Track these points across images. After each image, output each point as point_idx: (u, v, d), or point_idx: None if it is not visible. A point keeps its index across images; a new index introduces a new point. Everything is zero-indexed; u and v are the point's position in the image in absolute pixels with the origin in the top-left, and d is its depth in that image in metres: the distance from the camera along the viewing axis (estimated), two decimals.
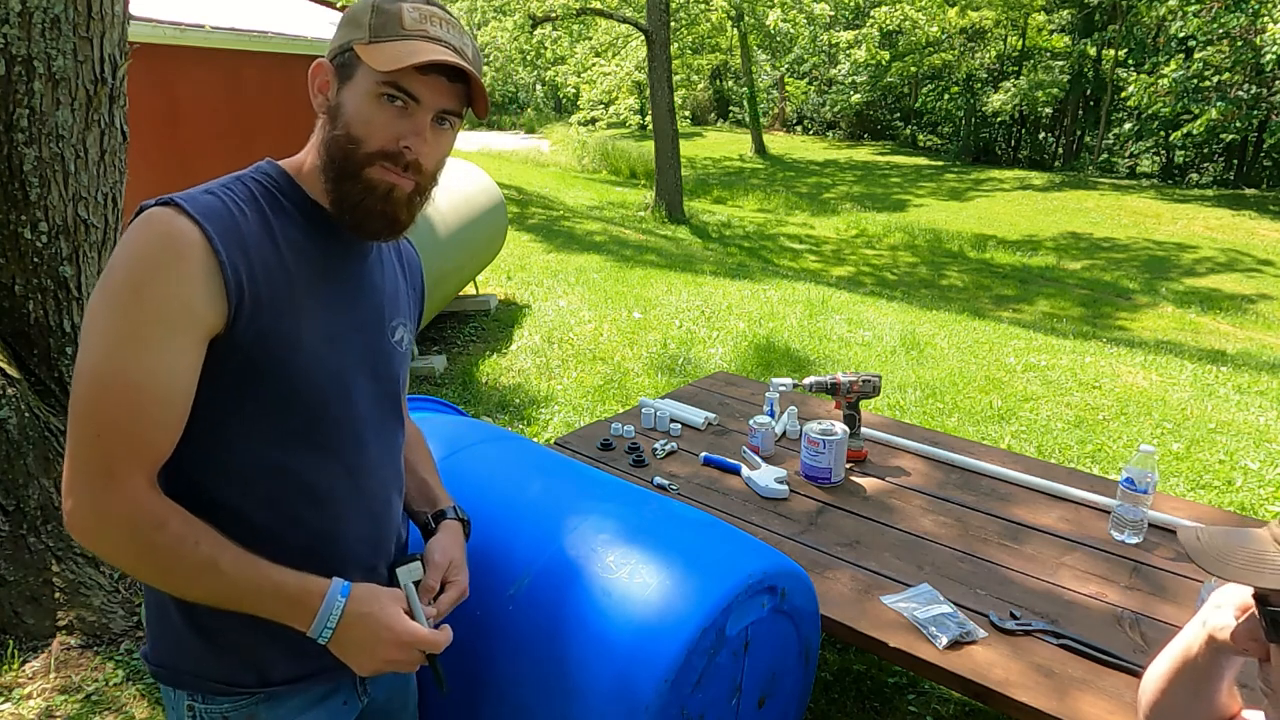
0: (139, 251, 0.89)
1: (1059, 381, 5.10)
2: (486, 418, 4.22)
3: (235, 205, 0.94)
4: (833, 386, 2.31)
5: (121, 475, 0.88)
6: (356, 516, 1.06)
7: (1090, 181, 20.89)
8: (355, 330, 1.03)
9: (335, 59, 0.98)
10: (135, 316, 0.87)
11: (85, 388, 0.88)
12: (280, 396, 0.95)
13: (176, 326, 0.88)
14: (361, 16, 0.97)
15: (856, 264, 11.85)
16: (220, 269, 0.90)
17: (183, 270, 0.88)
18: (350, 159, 0.96)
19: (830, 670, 2.41)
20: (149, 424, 0.89)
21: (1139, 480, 1.89)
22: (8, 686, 2.24)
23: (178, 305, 0.88)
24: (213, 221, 0.91)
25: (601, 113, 20.68)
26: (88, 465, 0.88)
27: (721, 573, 1.29)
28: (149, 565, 0.91)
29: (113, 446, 0.88)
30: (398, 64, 0.92)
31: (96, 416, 0.88)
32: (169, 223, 0.89)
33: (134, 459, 0.89)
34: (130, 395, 0.87)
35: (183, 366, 0.89)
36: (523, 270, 7.55)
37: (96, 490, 0.88)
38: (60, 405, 2.69)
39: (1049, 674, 1.47)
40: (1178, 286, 11.14)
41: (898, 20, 17.58)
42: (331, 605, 0.95)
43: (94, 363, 0.88)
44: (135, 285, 0.87)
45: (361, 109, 0.95)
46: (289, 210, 0.99)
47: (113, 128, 2.69)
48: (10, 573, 2.38)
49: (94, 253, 2.73)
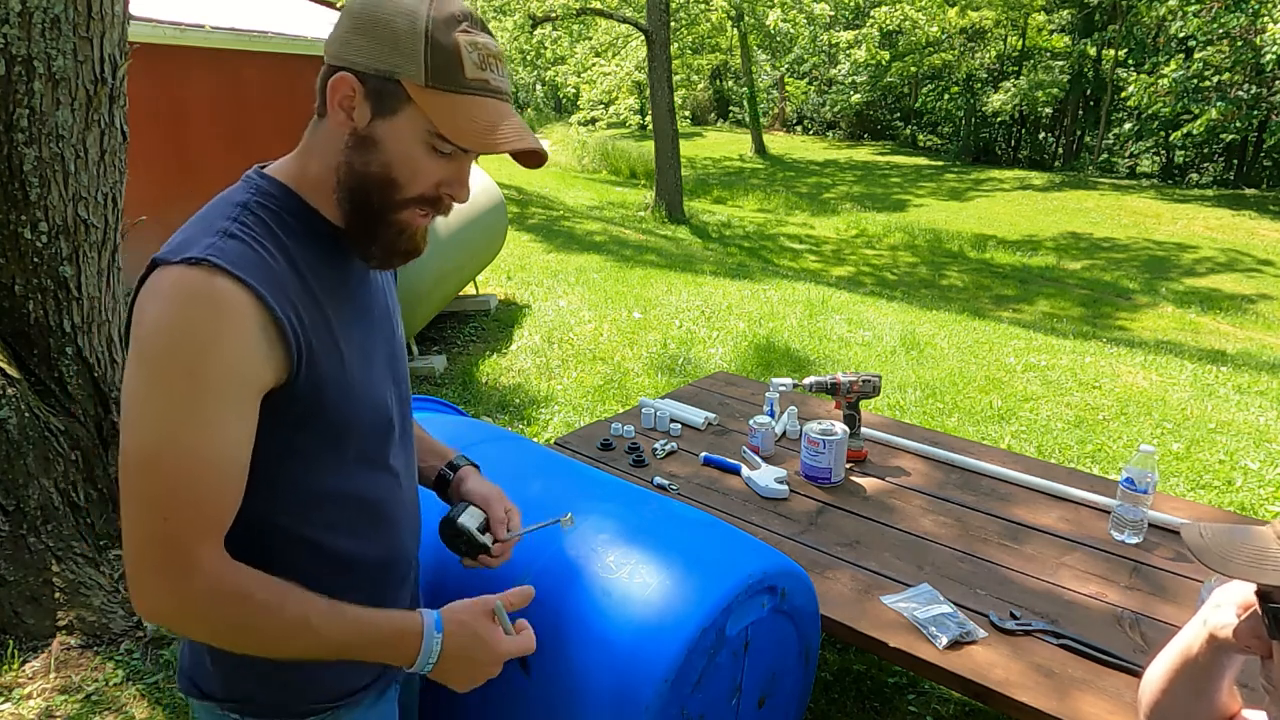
0: (186, 323, 0.81)
1: (1059, 381, 5.10)
2: (486, 418, 4.22)
3: (262, 247, 0.87)
4: (833, 386, 2.31)
5: (197, 555, 0.84)
6: (407, 517, 1.09)
7: (1090, 181, 20.89)
8: (378, 341, 1.02)
9: (368, 80, 0.86)
10: (193, 394, 0.81)
11: (145, 471, 0.82)
12: (336, 428, 0.93)
13: (236, 396, 0.83)
14: (411, 44, 0.84)
15: (856, 264, 11.85)
16: (277, 325, 0.84)
17: (239, 338, 0.82)
18: (386, 202, 0.90)
19: (830, 670, 2.40)
20: (217, 499, 0.85)
21: (1139, 480, 1.89)
22: (8, 686, 2.24)
23: (236, 375, 0.83)
24: (256, 275, 0.84)
25: (601, 113, 20.68)
26: (159, 552, 0.83)
27: (721, 573, 1.29)
28: (242, 639, 0.88)
29: (183, 528, 0.83)
30: (477, 144, 0.86)
31: (162, 501, 0.82)
32: (211, 286, 0.82)
33: (206, 536, 0.85)
34: (197, 474, 0.82)
35: (245, 434, 0.85)
36: (523, 270, 7.55)
37: (175, 577, 0.83)
38: (60, 405, 2.69)
39: (1049, 674, 1.47)
40: (1178, 286, 11.14)
41: (898, 20, 17.58)
42: (430, 643, 0.94)
43: (152, 444, 0.82)
44: (189, 361, 0.81)
45: (407, 154, 0.88)
46: (300, 232, 0.92)
47: (113, 128, 2.69)
48: (10, 573, 2.38)
49: (94, 253, 2.73)
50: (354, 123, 0.87)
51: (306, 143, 0.93)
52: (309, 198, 0.92)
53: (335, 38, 0.88)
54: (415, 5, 0.85)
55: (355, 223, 0.92)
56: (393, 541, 1.06)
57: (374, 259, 0.95)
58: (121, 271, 2.92)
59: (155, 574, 0.84)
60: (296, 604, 0.88)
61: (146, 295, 0.84)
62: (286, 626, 0.88)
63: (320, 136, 0.91)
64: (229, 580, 0.86)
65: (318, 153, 0.92)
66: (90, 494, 2.68)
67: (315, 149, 0.92)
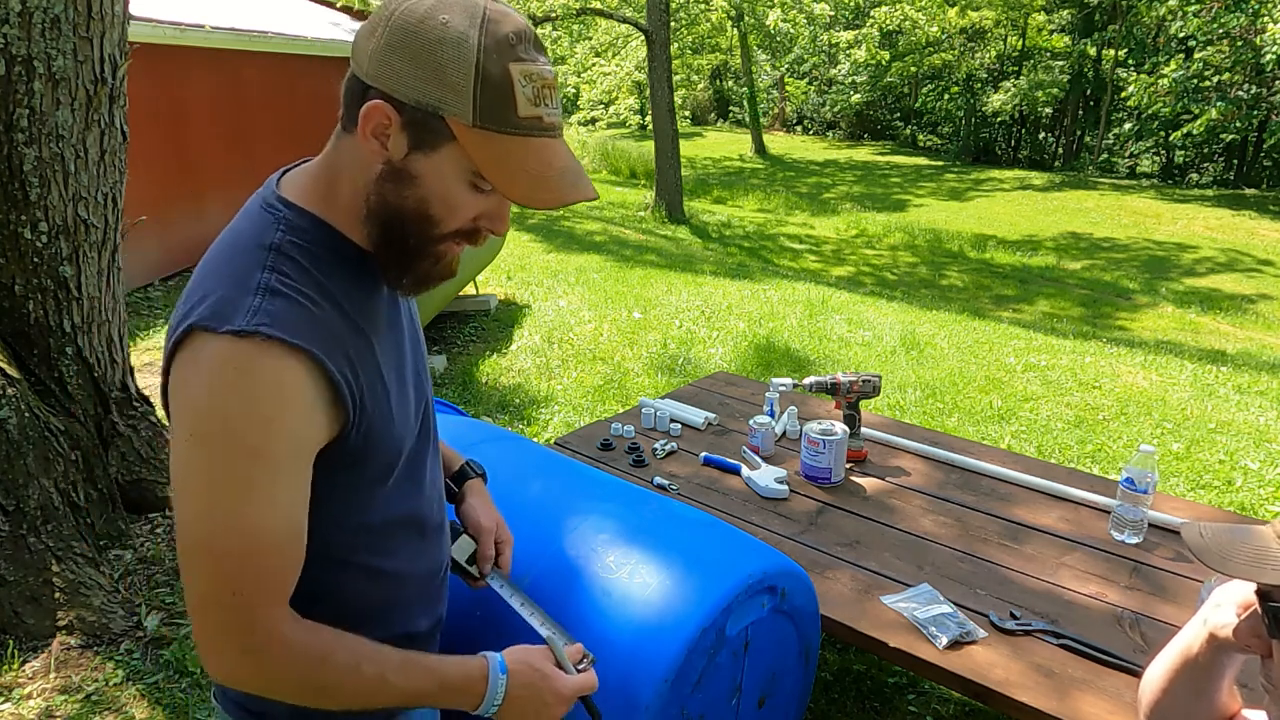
0: (245, 402, 0.77)
1: (1059, 381, 5.10)
2: (486, 418, 4.22)
3: (307, 299, 0.81)
4: (833, 386, 2.31)
5: (271, 624, 0.83)
6: (442, 521, 1.09)
7: (1090, 181, 20.89)
8: (409, 355, 0.99)
9: (407, 111, 0.78)
10: (256, 472, 0.79)
11: (211, 551, 0.80)
12: (383, 459, 0.92)
13: (296, 465, 0.82)
14: (459, 78, 0.76)
15: (856, 264, 11.85)
16: (334, 386, 0.81)
17: (299, 408, 0.80)
18: (422, 237, 0.85)
19: (830, 670, 2.40)
20: (285, 566, 0.84)
21: (1139, 480, 1.89)
22: (8, 686, 2.24)
23: (296, 445, 0.81)
24: (310, 337, 0.79)
25: (601, 113, 20.68)
26: (234, 626, 0.82)
27: (721, 573, 1.29)
28: (323, 698, 0.88)
29: (255, 600, 0.82)
30: (524, 198, 0.81)
31: (232, 577, 0.80)
32: (267, 360, 0.77)
33: (277, 602, 0.83)
34: (264, 548, 0.81)
35: (304, 496, 0.84)
36: (523, 270, 7.55)
37: (253, 648, 0.83)
38: (60, 405, 2.69)
39: (1049, 674, 1.47)
40: (1178, 286, 11.14)
41: (898, 20, 17.58)
42: (495, 684, 0.95)
43: (218, 525, 0.79)
44: (250, 440, 0.78)
45: (445, 192, 0.82)
46: (335, 265, 0.85)
47: (113, 128, 2.69)
48: (10, 573, 2.38)
49: (94, 253, 2.73)
50: (388, 153, 0.80)
51: (331, 159, 0.86)
52: (338, 224, 0.86)
53: (371, 53, 0.79)
54: (465, 29, 0.76)
55: (388, 254, 0.87)
56: (435, 549, 1.06)
57: (406, 288, 0.91)
58: (121, 271, 2.92)
59: (232, 648, 0.83)
60: (371, 661, 0.88)
61: (193, 369, 0.78)
62: (365, 684, 0.88)
63: (348, 156, 0.84)
64: (306, 644, 0.86)
65: (346, 175, 0.85)
66: (90, 494, 2.68)
67: (343, 170, 0.85)
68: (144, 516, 2.98)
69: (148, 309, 5.81)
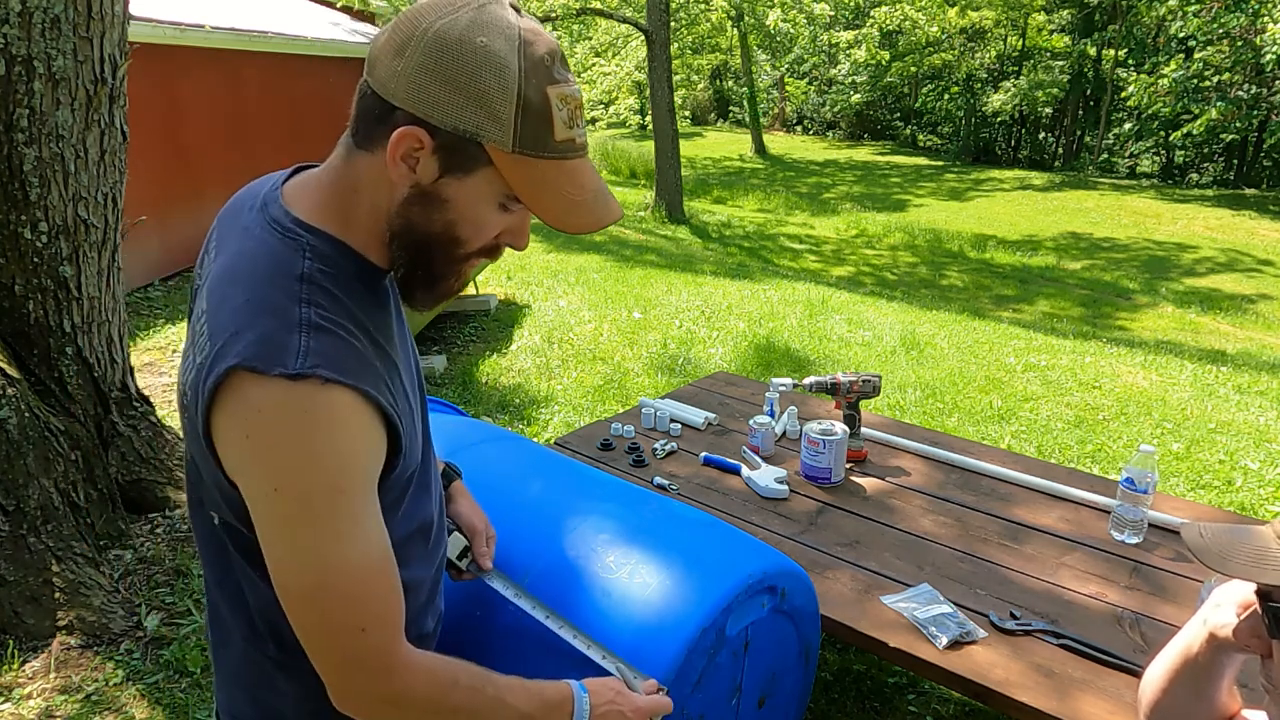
0: (317, 446, 0.77)
1: (1059, 381, 5.10)
2: (486, 418, 4.22)
3: (348, 332, 0.80)
4: (833, 386, 2.31)
5: (400, 655, 0.85)
6: (443, 526, 1.10)
7: (1090, 181, 20.89)
8: (412, 362, 0.99)
9: (442, 137, 0.76)
10: (342, 513, 0.79)
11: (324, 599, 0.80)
12: (406, 479, 0.93)
13: (371, 495, 0.82)
14: (501, 106, 0.75)
15: (856, 264, 11.85)
16: (385, 419, 0.82)
17: (366, 444, 0.80)
18: (449, 259, 0.85)
19: (830, 670, 2.41)
20: (394, 594, 0.85)
21: (1139, 480, 1.89)
22: (8, 686, 2.24)
23: (369, 477, 0.82)
24: (363, 377, 0.79)
25: (601, 113, 20.67)
26: (367, 664, 0.83)
27: (721, 573, 1.29)
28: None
29: (381, 635, 0.83)
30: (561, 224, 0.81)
31: (353, 619, 0.81)
32: (328, 401, 0.76)
33: (398, 634, 0.85)
34: (372, 582, 0.82)
35: (383, 524, 0.84)
36: (523, 270, 7.55)
37: (388, 682, 0.85)
38: (60, 405, 2.69)
39: (1049, 674, 1.47)
40: (1178, 286, 11.14)
41: (898, 20, 17.59)
42: (581, 703, 0.98)
43: (322, 571, 0.79)
44: (331, 482, 0.78)
45: (475, 214, 0.81)
46: (357, 289, 0.84)
47: (113, 128, 2.69)
48: (10, 573, 2.38)
49: (94, 253, 2.73)
50: (417, 176, 0.78)
51: (345, 176, 0.83)
52: (356, 244, 0.84)
53: (397, 71, 0.76)
54: (506, 55, 0.75)
55: (413, 276, 0.86)
56: (438, 550, 1.07)
57: (425, 303, 0.90)
58: (121, 271, 2.92)
59: (369, 686, 0.85)
60: (489, 683, 0.92)
61: (255, 417, 0.76)
62: (488, 705, 0.90)
63: (367, 176, 0.81)
64: (434, 668, 0.88)
65: (365, 195, 0.82)
66: (90, 494, 2.68)
67: (361, 189, 0.82)
68: (144, 516, 2.98)
69: (148, 309, 5.81)
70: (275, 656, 0.93)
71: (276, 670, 0.94)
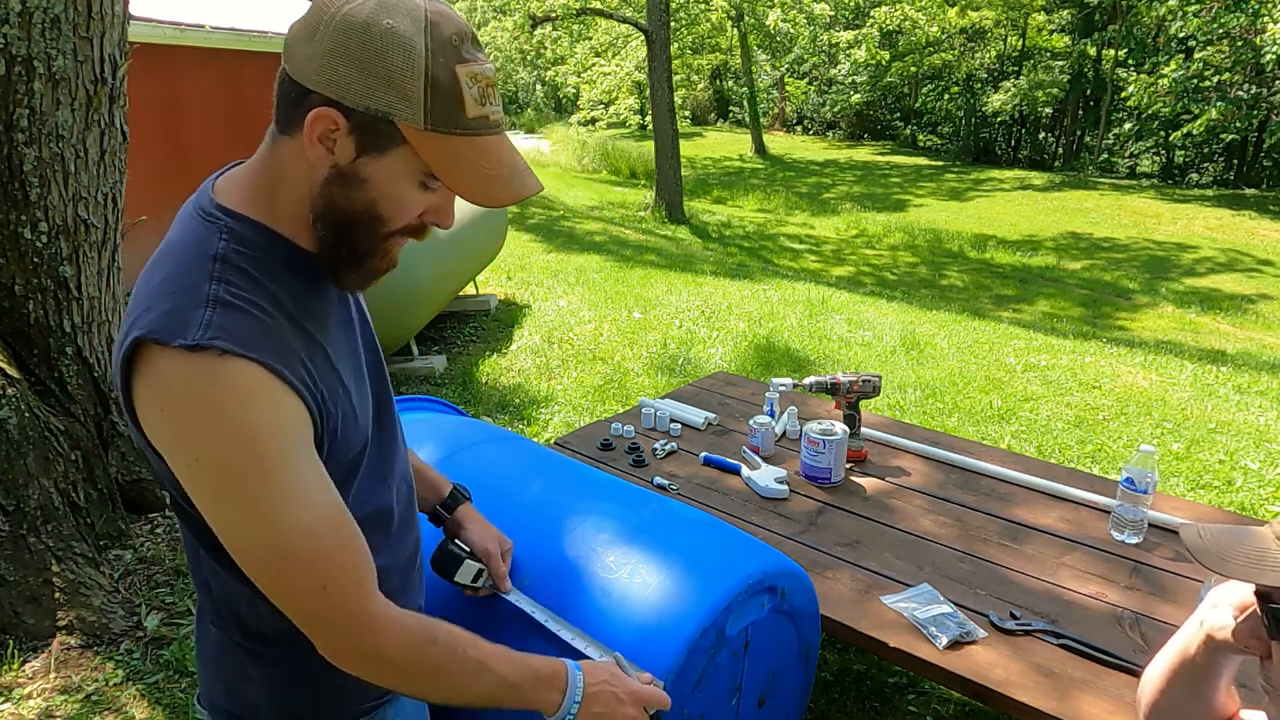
0: (228, 416, 0.77)
1: (1059, 381, 5.10)
2: (486, 418, 4.22)
3: (258, 309, 0.81)
4: (833, 386, 2.31)
5: (371, 611, 0.85)
6: (413, 506, 1.10)
7: (1090, 181, 20.89)
8: (368, 350, 1.00)
9: (356, 117, 0.78)
10: (272, 477, 0.79)
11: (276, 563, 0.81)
12: (352, 461, 0.93)
13: (305, 458, 0.83)
14: (409, 83, 0.77)
15: (856, 264, 11.86)
16: (297, 394, 0.82)
17: (277, 408, 0.80)
18: (372, 238, 0.86)
19: (830, 670, 2.41)
20: (354, 551, 0.85)
21: (1139, 480, 1.89)
22: (8, 686, 2.24)
23: (295, 440, 0.82)
24: (265, 350, 0.79)
25: (601, 113, 20.69)
26: (338, 623, 0.84)
27: (721, 573, 1.29)
28: (438, 686, 0.90)
29: (345, 592, 0.84)
30: (476, 197, 0.82)
31: (311, 579, 0.82)
32: (228, 372, 0.77)
33: (368, 589, 0.85)
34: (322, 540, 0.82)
35: (328, 481, 0.85)
36: (523, 270, 7.55)
37: (363, 637, 0.85)
38: (60, 405, 2.69)
39: (1049, 674, 1.47)
40: (1178, 286, 11.15)
41: (898, 20, 17.60)
42: (575, 679, 0.97)
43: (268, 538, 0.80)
44: (251, 450, 0.78)
45: (395, 193, 0.83)
46: (282, 272, 0.85)
47: (113, 128, 2.69)
48: (10, 573, 2.38)
49: (94, 253, 2.73)
50: (335, 157, 0.80)
51: (269, 163, 0.85)
52: (282, 229, 0.85)
53: (309, 57, 0.78)
54: (412, 35, 0.77)
55: (338, 255, 0.87)
56: (409, 536, 1.07)
57: (352, 284, 0.92)
58: (122, 271, 2.92)
59: (345, 641, 0.85)
60: (471, 646, 0.91)
61: (162, 390, 0.78)
62: (469, 668, 0.90)
63: (288, 160, 0.83)
64: (407, 627, 0.87)
65: (288, 179, 0.84)
66: (90, 494, 2.68)
67: (283, 174, 0.84)
68: (144, 516, 2.98)
69: None
70: (243, 644, 0.95)
71: (247, 658, 0.96)
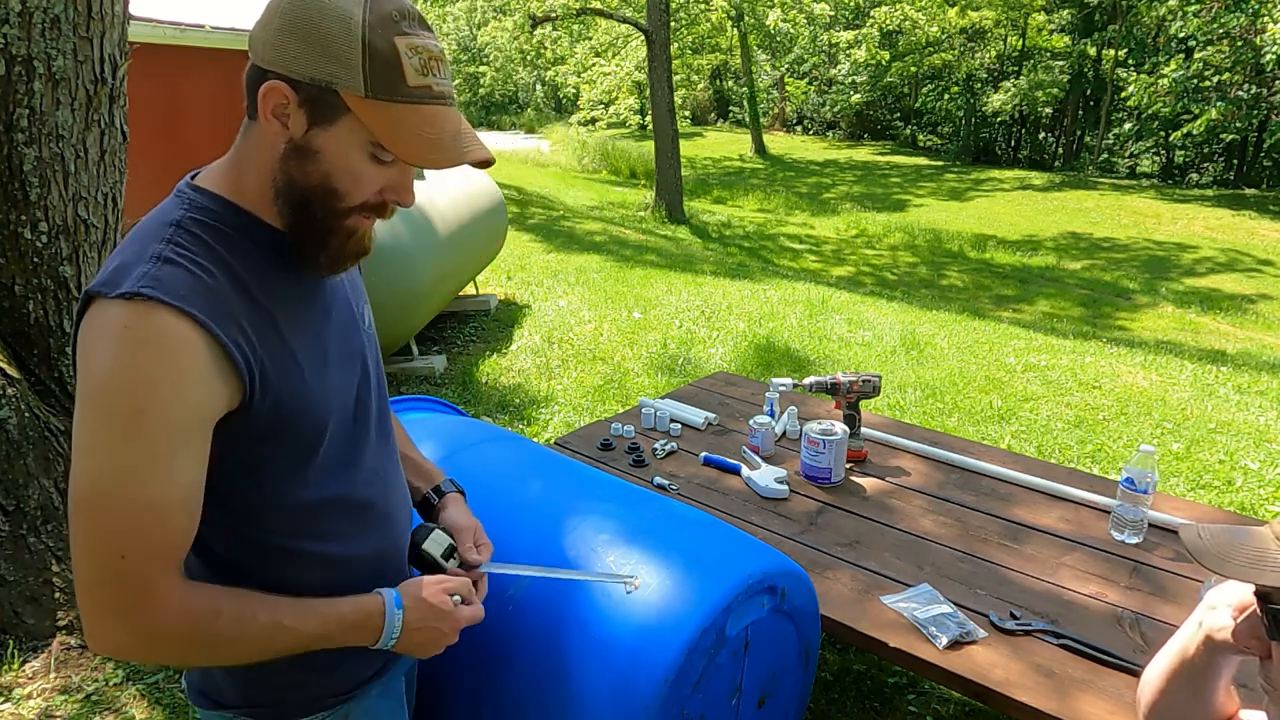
0: (129, 363, 0.78)
1: (1059, 381, 5.10)
2: (486, 418, 4.22)
3: (201, 269, 0.83)
4: (833, 386, 2.31)
5: (157, 587, 0.83)
6: (401, 507, 1.10)
7: (1090, 181, 20.89)
8: (342, 339, 1.00)
9: (303, 89, 0.82)
10: (141, 434, 0.79)
11: (98, 511, 0.80)
12: (303, 439, 0.93)
13: (185, 430, 0.82)
14: (347, 51, 0.80)
15: (856, 264, 11.86)
16: (226, 354, 0.82)
17: (184, 372, 0.80)
18: (329, 211, 0.87)
19: (830, 670, 2.41)
20: (173, 532, 0.84)
21: (1139, 480, 1.89)
22: (8, 686, 2.24)
23: (184, 409, 0.81)
24: (197, 303, 0.81)
25: (601, 113, 20.69)
26: (119, 590, 0.82)
27: (721, 573, 1.29)
28: (221, 655, 0.90)
29: (141, 564, 0.82)
30: (421, 160, 0.84)
31: (117, 539, 0.81)
32: (151, 321, 0.79)
33: (165, 568, 0.84)
34: (151, 511, 0.81)
35: (196, 466, 0.84)
36: (523, 270, 7.55)
37: (138, 613, 0.83)
38: (60, 405, 2.69)
39: (1049, 674, 1.47)
40: (1178, 286, 11.15)
41: (898, 20, 17.61)
42: (392, 620, 0.97)
43: (104, 485, 0.80)
44: (135, 401, 0.79)
45: (346, 164, 0.85)
46: (244, 245, 0.88)
47: (113, 128, 2.69)
48: (10, 573, 2.38)
49: (94, 253, 2.73)
50: (289, 131, 0.84)
51: (239, 148, 0.89)
52: (250, 207, 0.89)
53: (264, 39, 0.83)
54: (350, 8, 0.80)
55: (299, 232, 0.89)
56: (386, 534, 1.06)
57: (322, 267, 0.93)
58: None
59: (115, 613, 0.83)
60: (267, 609, 0.90)
61: (86, 333, 0.81)
62: (261, 633, 0.89)
63: (254, 141, 0.87)
64: (195, 603, 0.86)
65: (253, 160, 0.88)
66: None
67: (250, 156, 0.88)
68: None
69: None
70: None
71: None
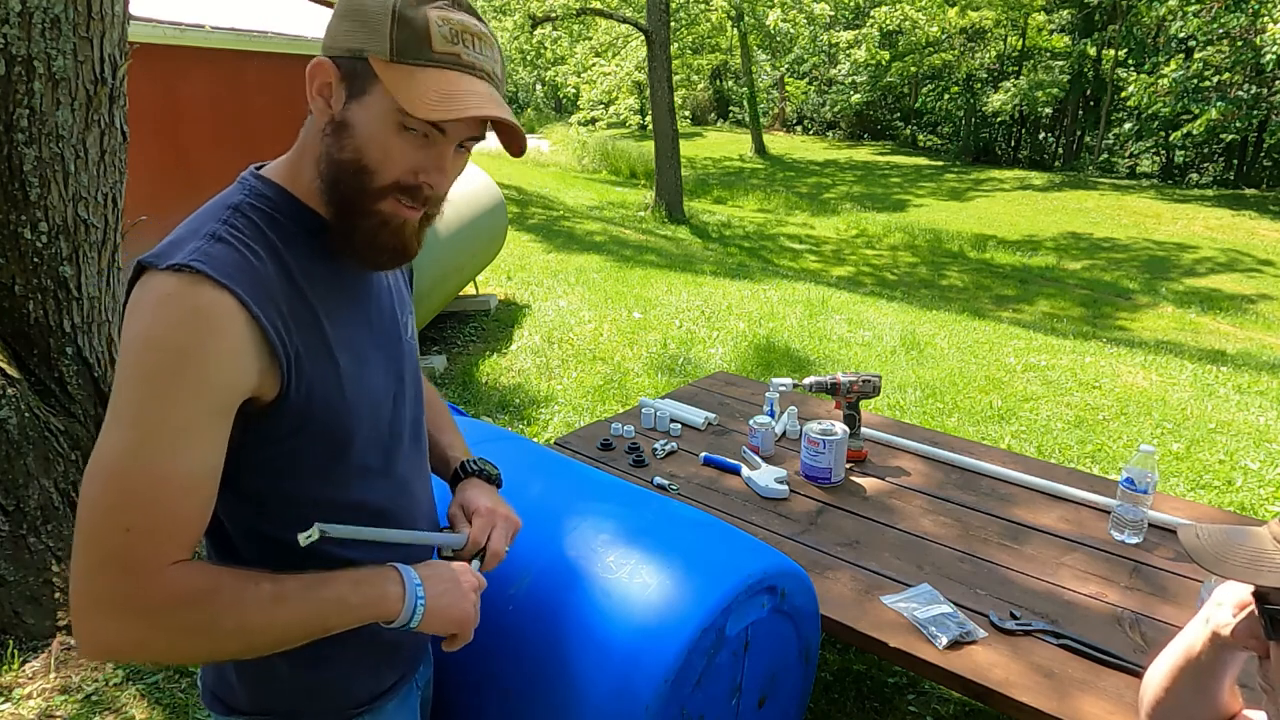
0: (168, 333, 0.78)
1: (1059, 381, 5.10)
2: (486, 418, 4.22)
3: (250, 250, 0.84)
4: (833, 386, 2.31)
5: (159, 568, 0.80)
6: (421, 520, 1.07)
7: (1090, 181, 20.89)
8: (380, 342, 0.99)
9: (342, 63, 0.84)
10: (170, 402, 0.78)
11: (111, 480, 0.78)
12: (332, 437, 0.91)
13: (214, 408, 0.81)
14: (378, 20, 0.82)
15: (856, 264, 11.86)
16: (264, 336, 0.82)
17: (225, 349, 0.79)
18: (362, 191, 0.86)
19: (830, 670, 2.41)
20: (182, 514, 0.82)
21: (1139, 480, 1.89)
22: (8, 686, 2.24)
23: (216, 385, 0.80)
24: (242, 283, 0.81)
25: (601, 113, 20.68)
26: (116, 573, 0.78)
27: (721, 573, 1.29)
28: (224, 639, 0.83)
29: (143, 540, 0.79)
30: (429, 113, 0.82)
31: (123, 513, 0.78)
32: (194, 294, 0.79)
33: (171, 550, 0.81)
34: (166, 485, 0.79)
35: (217, 448, 0.82)
36: (523, 270, 7.55)
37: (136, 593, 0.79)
38: (60, 405, 2.69)
39: (1049, 674, 1.47)
40: (1178, 286, 11.15)
41: (898, 20, 17.61)
42: (410, 576, 0.94)
43: (123, 453, 0.78)
44: (172, 375, 0.78)
45: (376, 136, 0.84)
46: (295, 234, 0.89)
47: (113, 128, 2.69)
48: (10, 573, 2.38)
49: (94, 253, 2.73)
50: (332, 109, 0.86)
51: (301, 140, 0.92)
52: (304, 197, 0.90)
53: (327, 29, 0.87)
54: None
55: (334, 213, 0.89)
56: (405, 546, 1.03)
57: (358, 253, 0.91)
58: (121, 271, 2.92)
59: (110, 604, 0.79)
60: (270, 578, 0.85)
61: (133, 302, 0.82)
62: (266, 601, 0.84)
63: (309, 129, 0.90)
64: (193, 579, 0.82)
65: (308, 148, 0.90)
66: None
67: (306, 145, 0.90)
68: None
69: None
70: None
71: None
